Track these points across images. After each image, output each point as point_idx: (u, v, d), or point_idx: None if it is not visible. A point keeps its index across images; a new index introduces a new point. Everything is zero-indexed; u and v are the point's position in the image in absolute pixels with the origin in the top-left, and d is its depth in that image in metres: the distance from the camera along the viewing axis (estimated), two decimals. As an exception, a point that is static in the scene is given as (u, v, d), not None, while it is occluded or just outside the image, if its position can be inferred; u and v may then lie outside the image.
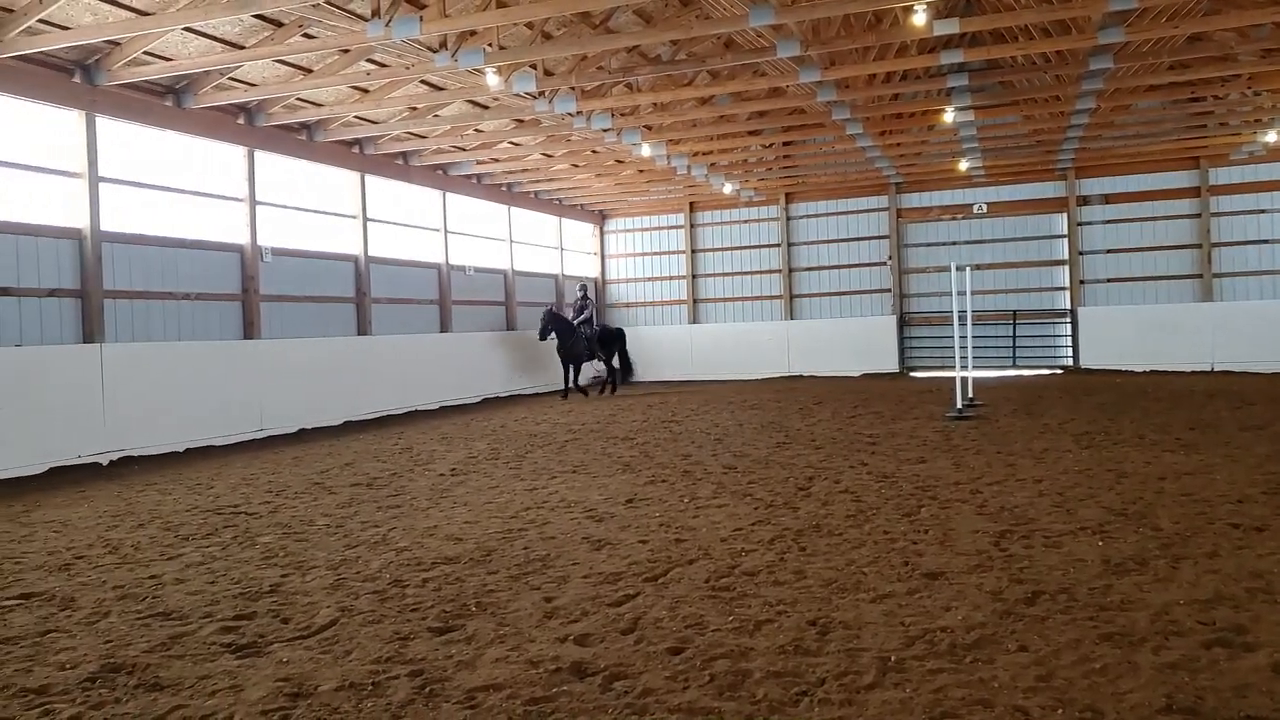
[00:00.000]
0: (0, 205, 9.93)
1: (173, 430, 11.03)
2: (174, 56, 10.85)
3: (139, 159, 11.58)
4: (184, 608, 4.65)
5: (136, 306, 11.38)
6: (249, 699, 3.46)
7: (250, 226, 13.08)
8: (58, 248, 10.47)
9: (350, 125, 14.31)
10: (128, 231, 11.30)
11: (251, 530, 6.52)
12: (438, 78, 12.42)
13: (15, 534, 6.70)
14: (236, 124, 12.85)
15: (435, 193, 17.49)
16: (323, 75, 11.86)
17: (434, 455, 10.22)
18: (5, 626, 4.46)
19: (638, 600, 4.50)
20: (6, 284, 9.88)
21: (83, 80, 10.65)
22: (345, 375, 14.03)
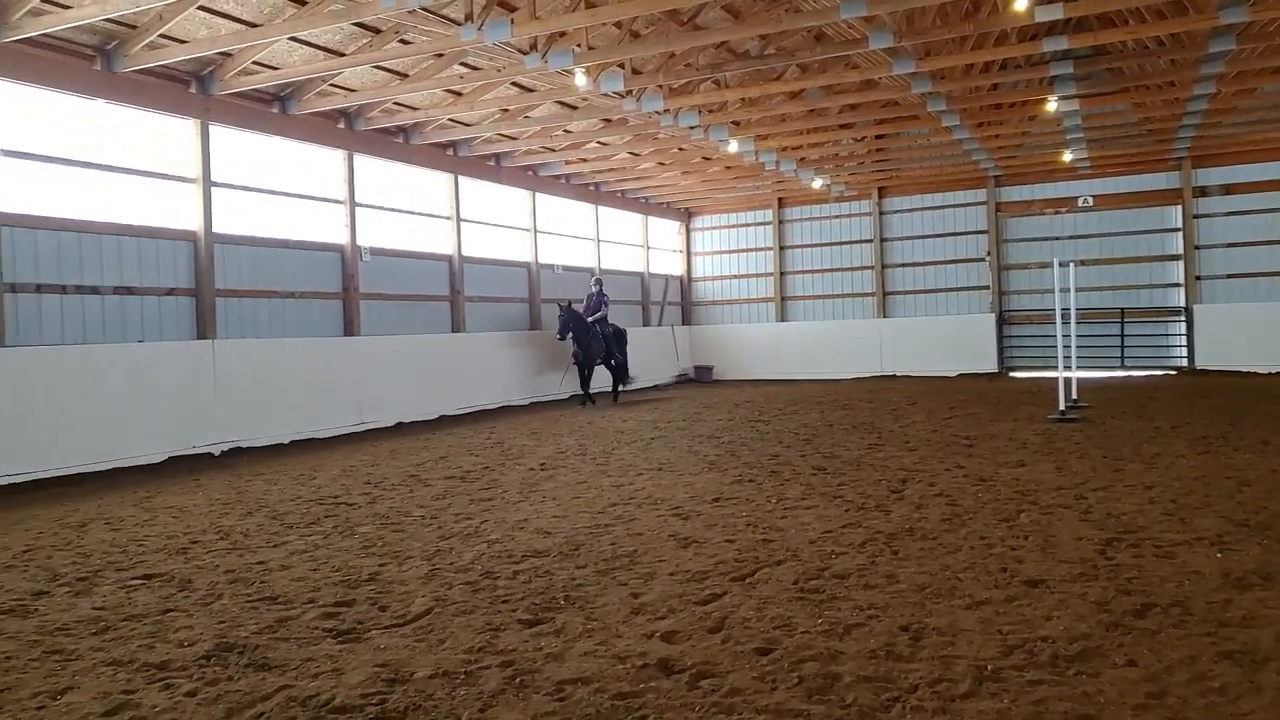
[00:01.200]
0: (124, 209, 10.55)
1: (279, 423, 11.52)
2: (280, 65, 11.32)
3: (247, 164, 12.12)
4: (289, 593, 4.87)
5: (245, 304, 11.93)
6: (349, 682, 3.60)
7: (350, 227, 13.56)
8: (174, 249, 11.05)
9: (444, 128, 14.67)
10: (237, 233, 11.85)
11: (351, 520, 6.77)
12: (528, 79, 12.62)
13: (139, 518, 7.12)
14: (337, 129, 13.33)
15: (525, 193, 17.78)
16: (418, 79, 12.20)
17: (524, 450, 10.41)
18: (130, 604, 4.75)
19: (725, 599, 4.50)
20: (130, 283, 10.49)
21: (197, 90, 11.22)
22: (440, 371, 14.41)
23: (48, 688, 3.63)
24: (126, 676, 3.73)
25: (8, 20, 8.96)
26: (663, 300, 22.70)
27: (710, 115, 14.27)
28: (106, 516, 7.24)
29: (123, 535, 6.51)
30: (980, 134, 16.15)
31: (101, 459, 9.48)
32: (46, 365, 9.21)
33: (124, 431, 9.75)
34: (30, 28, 8.99)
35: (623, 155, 17.29)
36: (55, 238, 9.77)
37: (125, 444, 9.74)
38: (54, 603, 4.83)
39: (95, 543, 6.28)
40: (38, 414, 9.01)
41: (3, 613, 4.66)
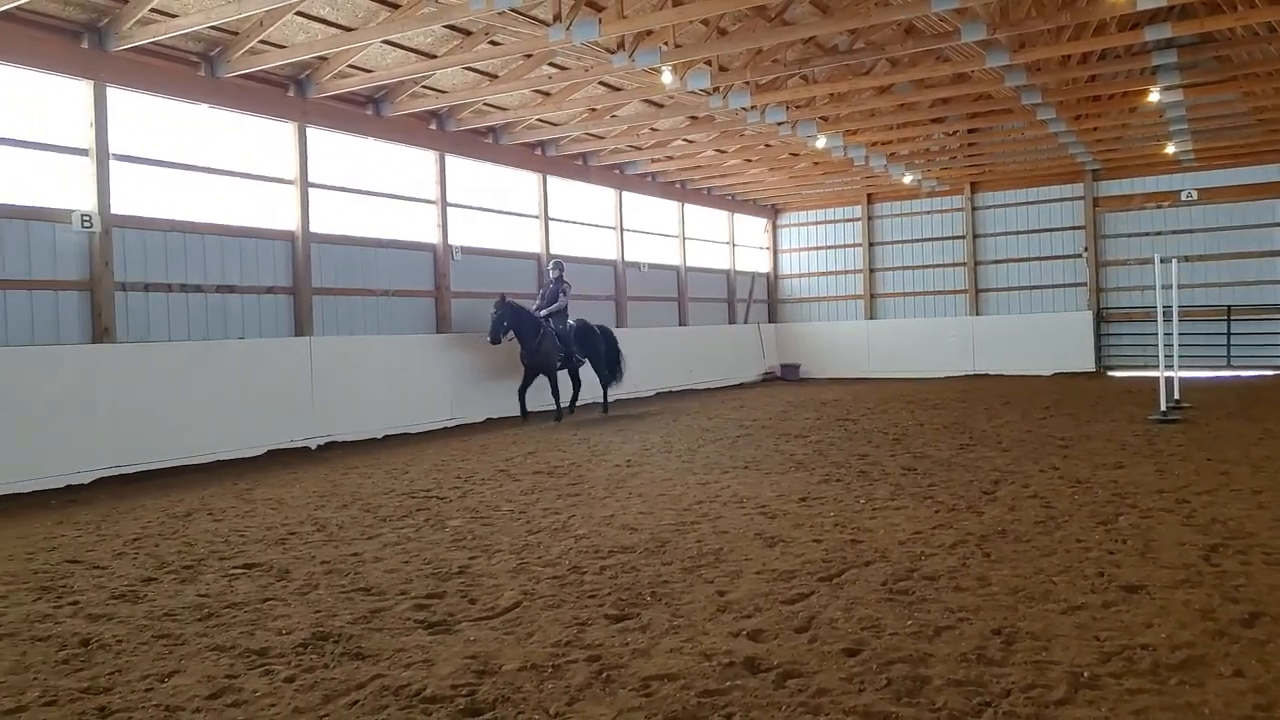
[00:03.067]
0: (226, 210, 10.99)
1: (372, 418, 11.85)
2: (374, 68, 11.63)
3: (341, 165, 12.50)
4: (382, 584, 4.99)
5: (340, 302, 12.31)
6: (440, 673, 3.66)
7: (442, 227, 13.86)
8: (274, 249, 11.47)
9: (533, 128, 14.86)
10: (332, 233, 12.23)
11: (442, 514, 6.91)
12: (615, 78, 12.68)
13: (240, 509, 7.41)
14: (429, 130, 13.63)
15: (611, 191, 17.88)
16: (507, 80, 12.38)
17: (610, 446, 10.46)
18: (232, 592, 4.94)
19: (812, 599, 4.43)
20: (231, 282, 10.93)
21: (295, 94, 11.61)
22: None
23: (156, 670, 3.80)
24: (229, 662, 3.87)
25: (119, 30, 9.43)
26: (748, 298, 22.55)
27: (798, 111, 14.09)
28: (209, 507, 7.55)
29: (224, 526, 6.78)
30: (1078, 127, 15.54)
31: (204, 452, 9.89)
32: (154, 361, 9.67)
33: (225, 425, 10.16)
34: (140, 36, 9.44)
35: (709, 153, 17.23)
36: (163, 238, 10.24)
37: (226, 438, 10.15)
38: (162, 589, 5.06)
39: (199, 532, 6.56)
40: (145, 408, 9.45)
41: (115, 597, 4.91)
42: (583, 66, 11.88)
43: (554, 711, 3.28)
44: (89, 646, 4.11)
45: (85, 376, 9.02)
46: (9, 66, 8.95)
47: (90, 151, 9.54)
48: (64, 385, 8.81)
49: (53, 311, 9.25)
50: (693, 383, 19.06)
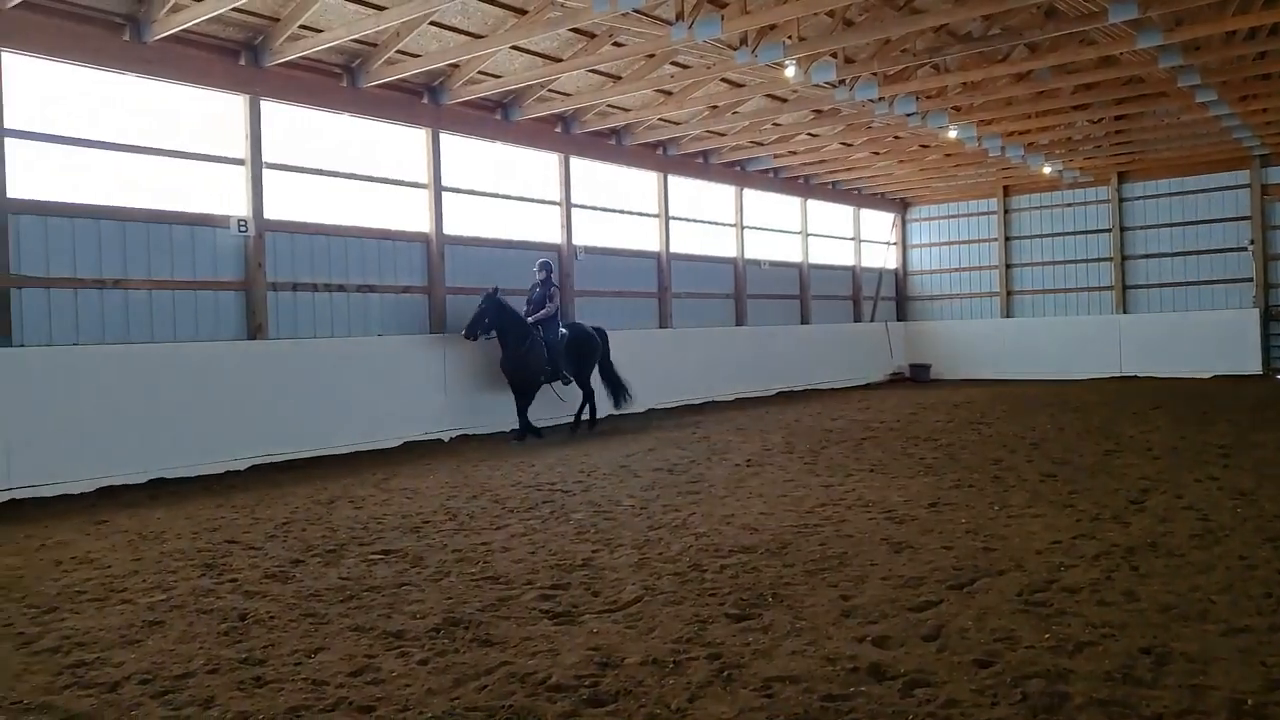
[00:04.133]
0: (367, 214, 11.54)
1: (501, 412, 12.18)
2: (502, 73, 11.97)
3: (470, 169, 12.91)
4: (509, 574, 5.14)
5: (471, 301, 12.71)
6: (564, 663, 3.75)
7: (565, 227, 14.13)
8: (410, 250, 11.97)
9: (654, 127, 14.95)
10: (462, 234, 12.65)
11: (566, 507, 7.05)
12: (737, 75, 12.61)
13: (378, 498, 7.78)
14: (554, 132, 13.92)
15: (731, 188, 17.80)
16: (630, 81, 12.51)
17: (730, 446, 10.43)
18: (371, 576, 5.20)
19: (941, 607, 4.30)
20: (370, 281, 11.47)
21: (429, 101, 12.07)
22: (648, 365, 14.70)
23: (303, 647, 4.04)
24: (368, 642, 4.07)
25: (272, 46, 10.03)
26: (875, 295, 22.01)
27: (929, 101, 13.66)
28: (351, 495, 7.95)
29: (364, 513, 7.13)
30: (1243, 109, 14.43)
31: (346, 443, 10.42)
32: (300, 355, 10.24)
33: (365, 418, 10.66)
34: (290, 52, 10.03)
35: (834, 146, 16.91)
36: (309, 241, 10.85)
37: (366, 429, 10.65)
38: (308, 571, 5.37)
39: (341, 519, 6.92)
40: (294, 400, 10.03)
41: (268, 577, 5.24)
42: (705, 64, 11.87)
43: (675, 707, 3.30)
44: (245, 621, 4.41)
45: (242, 371, 9.65)
46: (178, 85, 9.66)
47: (246, 161, 10.20)
48: (223, 379, 9.46)
49: (213, 310, 9.94)
50: (815, 383, 18.75)
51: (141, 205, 9.41)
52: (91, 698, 3.53)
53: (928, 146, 16.94)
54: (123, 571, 5.45)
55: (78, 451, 8.25)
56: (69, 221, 8.88)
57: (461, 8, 10.13)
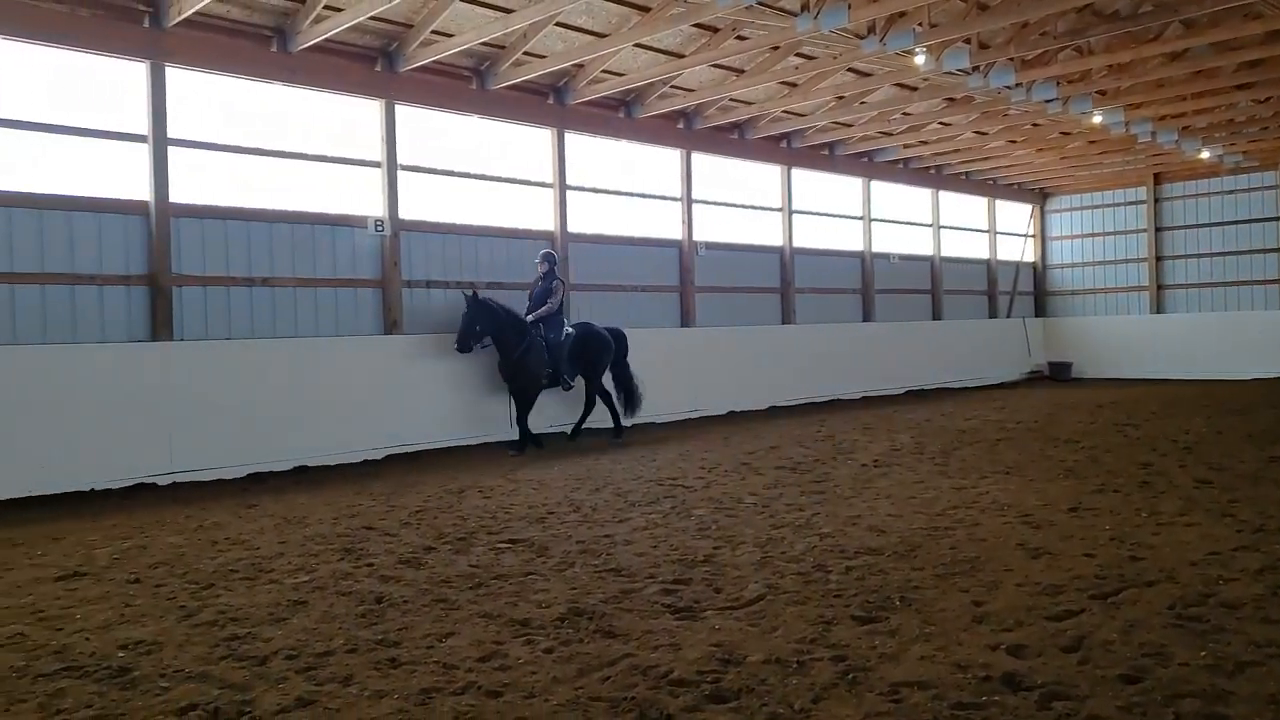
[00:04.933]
0: (496, 214, 11.86)
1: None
2: (625, 71, 12.06)
3: (592, 167, 13.07)
4: (632, 567, 5.18)
5: (594, 297, 12.92)
6: (686, 658, 3.75)
7: (686, 223, 14.14)
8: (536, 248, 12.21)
9: (778, 120, 14.77)
10: (585, 232, 12.84)
11: (688, 503, 7.06)
12: (864, 64, 12.31)
13: (505, 489, 7.99)
14: (676, 129, 13.94)
15: (858, 181, 17.39)
16: (753, 74, 12.39)
17: (856, 445, 10.20)
18: (499, 565, 5.34)
19: (1082, 618, 4.08)
20: (499, 279, 11.78)
21: (554, 101, 12.30)
22: (770, 362, 14.57)
23: (435, 631, 4.18)
24: (496, 629, 4.19)
25: (406, 52, 10.44)
26: (1012, 290, 21.09)
27: (1070, 86, 12.97)
28: (479, 485, 8.20)
29: (492, 503, 7.33)
30: None
31: (475, 435, 10.74)
32: (431, 349, 10.60)
33: (494, 410, 10.96)
34: (422, 56, 10.40)
35: (967, 135, 16.28)
36: (441, 240, 11.24)
37: (495, 422, 10.95)
38: (439, 558, 5.56)
39: (471, 508, 7.14)
40: (422, 392, 10.39)
41: (402, 562, 5.46)
42: (831, 54, 11.63)
43: (799, 707, 3.25)
44: (381, 604, 4.61)
45: (379, 364, 10.09)
46: (319, 91, 10.18)
47: (382, 164, 10.66)
48: (362, 371, 9.91)
49: (353, 306, 10.44)
50: (947, 381, 18.11)
51: (287, 207, 9.97)
52: (244, 670, 3.76)
53: (1069, 133, 16.10)
54: (270, 553, 5.79)
55: (230, 439, 8.81)
56: (222, 224, 9.49)
57: (586, 7, 10.27)
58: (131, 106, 8.93)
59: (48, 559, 5.79)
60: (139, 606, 4.69)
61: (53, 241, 8.43)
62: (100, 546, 6.10)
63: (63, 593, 5.00)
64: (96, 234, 8.67)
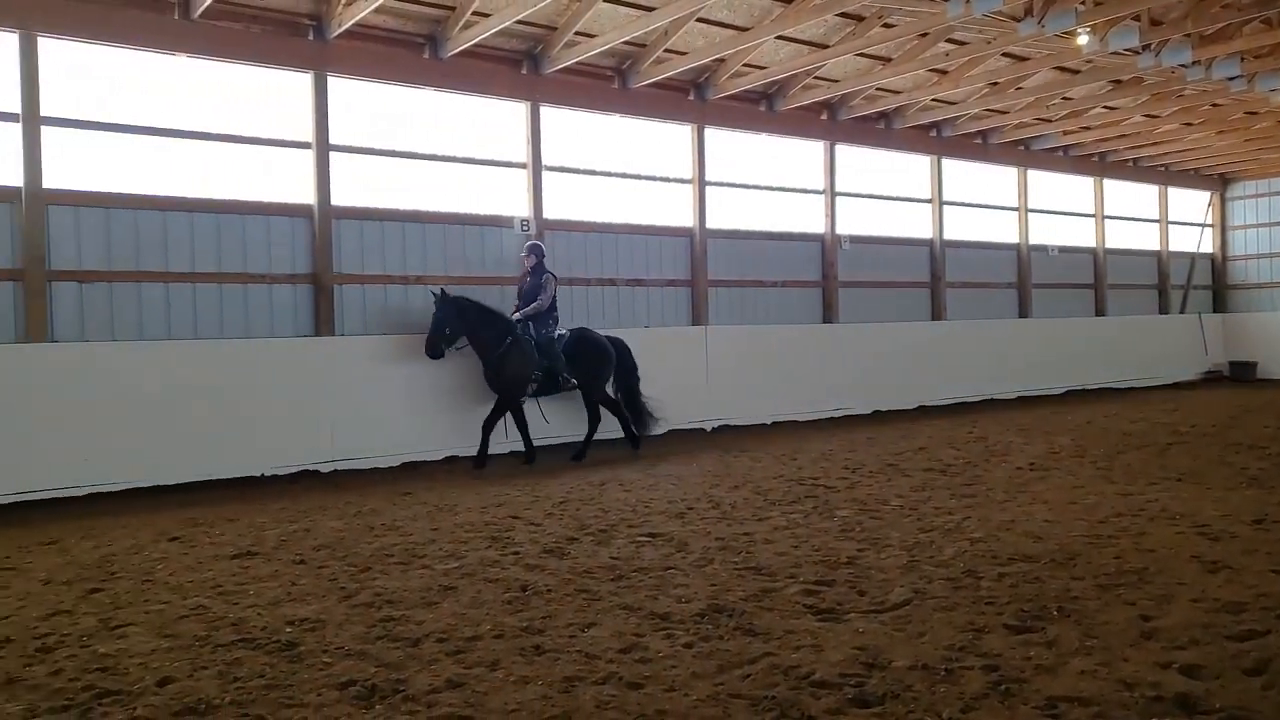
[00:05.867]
0: (635, 211, 11.98)
1: (761, 404, 12.19)
2: (767, 64, 11.92)
3: (732, 162, 12.98)
4: (772, 565, 5.12)
5: (733, 293, 12.86)
6: (828, 659, 3.66)
7: (829, 217, 13.86)
8: (675, 245, 12.30)
9: (927, 109, 14.25)
10: (724, 228, 12.78)
11: (830, 503, 6.91)
12: (1021, 48, 11.69)
13: (645, 483, 8.06)
14: (819, 120, 13.67)
15: (1012, 170, 16.56)
16: (901, 62, 11.99)
17: (1011, 447, 9.73)
18: (639, 558, 5.39)
19: (1268, 639, 3.73)
20: (639, 275, 11.91)
21: (694, 97, 12.30)
22: (918, 360, 14.07)
23: (577, 620, 4.26)
24: (636, 621, 4.22)
25: (550, 54, 10.67)
26: (1186, 284, 19.57)
27: (1256, 61, 11.91)
28: (620, 479, 8.30)
29: (633, 496, 7.41)
30: None
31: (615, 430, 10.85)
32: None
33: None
34: (566, 58, 10.61)
35: (1135, 119, 15.22)
36: (583, 238, 11.46)
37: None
38: (582, 549, 5.66)
39: (611, 500, 7.24)
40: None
41: (546, 552, 5.59)
42: (984, 39, 11.11)
43: (947, 716, 3.13)
44: (526, 592, 4.73)
45: (522, 360, 10.35)
46: (468, 96, 10.55)
47: (527, 165, 10.95)
48: (506, 367, 10.18)
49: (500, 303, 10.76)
50: (1112, 381, 16.99)
51: (438, 209, 10.39)
52: (398, 650, 3.94)
53: (1255, 114, 14.78)
54: (422, 539, 6.05)
55: (386, 429, 9.25)
56: (379, 225, 9.99)
57: (728, 2, 10.21)
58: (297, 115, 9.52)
59: (224, 538, 6.26)
60: (303, 586, 5.00)
61: (228, 243, 9.10)
62: (269, 528, 6.55)
63: (237, 570, 5.39)
64: (266, 236, 9.31)
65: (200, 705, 3.39)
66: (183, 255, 8.87)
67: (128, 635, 4.22)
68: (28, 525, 6.87)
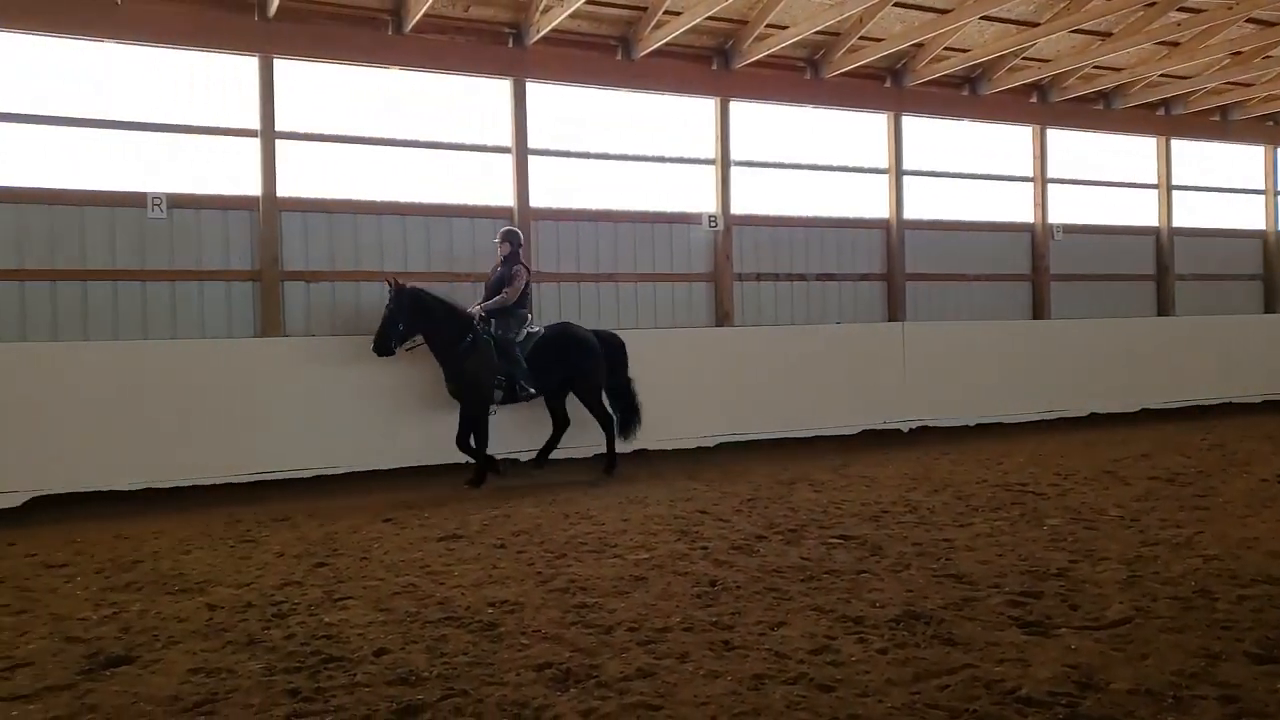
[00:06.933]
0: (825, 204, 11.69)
1: (964, 405, 11.57)
2: (970, 47, 11.31)
3: (930, 150, 12.40)
4: (973, 574, 4.85)
5: (932, 288, 12.30)
6: (1036, 676, 3.42)
7: (1039, 205, 12.97)
8: (869, 237, 11.92)
9: (1153, 86, 13.05)
10: (922, 219, 12.25)
11: (1040, 510, 6.47)
12: (1268, 12, 10.44)
13: (837, 483, 7.87)
14: (1027, 103, 12.83)
15: (1258, 149, 14.86)
16: (1123, 37, 11.02)
17: (1254, 456, 8.74)
18: (830, 560, 5.26)
19: None
20: (830, 270, 11.64)
21: (891, 85, 11.87)
22: (1142, 359, 12.86)
23: (767, 619, 4.20)
24: (828, 624, 4.11)
25: (740, 49, 10.62)
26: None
27: None
28: (810, 478, 8.14)
29: (823, 497, 7.24)
30: None
31: (804, 427, 10.67)
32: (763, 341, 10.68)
33: (823, 404, 10.82)
34: (756, 52, 10.51)
35: None
36: (771, 233, 11.33)
37: (824, 415, 10.80)
38: (771, 547, 5.59)
39: (801, 500, 7.11)
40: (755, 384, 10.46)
41: (734, 548, 5.56)
42: (1224, 5, 10.02)
43: (1178, 750, 2.84)
44: (715, 588, 4.73)
45: (711, 355, 10.36)
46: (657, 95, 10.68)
47: (716, 160, 10.96)
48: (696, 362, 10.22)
49: (687, 299, 10.89)
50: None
51: (628, 207, 10.59)
52: (592, 636, 4.03)
53: None
54: (614, 529, 6.18)
55: (579, 423, 9.49)
56: (573, 226, 10.31)
57: (927, -17, 9.79)
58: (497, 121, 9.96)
59: (432, 521, 6.66)
60: (503, 569, 5.23)
61: (436, 244, 9.69)
62: (473, 513, 6.91)
63: (444, 551, 5.72)
64: (470, 237, 9.83)
65: (411, 676, 3.61)
66: (396, 256, 9.52)
67: (348, 607, 4.57)
68: (265, 502, 7.61)
